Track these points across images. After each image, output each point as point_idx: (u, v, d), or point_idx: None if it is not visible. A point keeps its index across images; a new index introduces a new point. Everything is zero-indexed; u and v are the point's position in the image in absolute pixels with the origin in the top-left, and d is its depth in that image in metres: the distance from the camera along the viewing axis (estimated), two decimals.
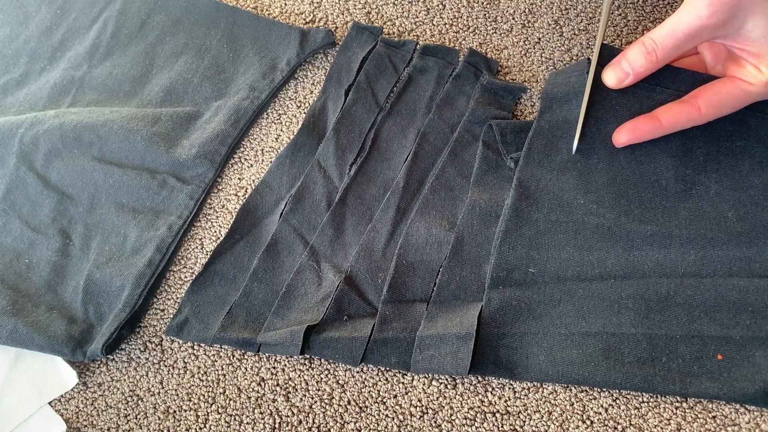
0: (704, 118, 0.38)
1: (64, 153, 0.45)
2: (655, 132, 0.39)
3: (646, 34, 0.37)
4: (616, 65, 0.38)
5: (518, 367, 0.36)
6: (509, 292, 0.37)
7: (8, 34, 0.53)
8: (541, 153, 0.41)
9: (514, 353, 0.36)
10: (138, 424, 0.38)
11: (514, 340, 0.36)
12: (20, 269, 0.42)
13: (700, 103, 0.37)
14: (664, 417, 0.35)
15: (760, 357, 0.34)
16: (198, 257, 0.43)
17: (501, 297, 0.37)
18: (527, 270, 0.38)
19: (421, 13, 0.50)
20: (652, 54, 0.36)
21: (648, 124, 0.38)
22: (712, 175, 0.40)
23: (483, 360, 0.36)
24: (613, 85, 0.39)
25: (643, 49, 0.37)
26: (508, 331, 0.36)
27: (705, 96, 0.37)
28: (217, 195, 0.45)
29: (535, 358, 0.36)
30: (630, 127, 0.39)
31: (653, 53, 0.36)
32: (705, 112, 0.37)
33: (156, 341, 0.40)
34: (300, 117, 0.47)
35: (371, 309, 0.39)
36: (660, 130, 0.38)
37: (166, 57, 0.51)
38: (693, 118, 0.38)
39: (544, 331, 0.36)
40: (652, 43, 0.36)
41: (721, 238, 0.38)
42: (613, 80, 0.38)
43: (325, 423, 0.37)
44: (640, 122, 0.39)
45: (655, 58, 0.36)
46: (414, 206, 0.42)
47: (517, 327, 0.36)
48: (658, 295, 0.37)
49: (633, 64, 0.37)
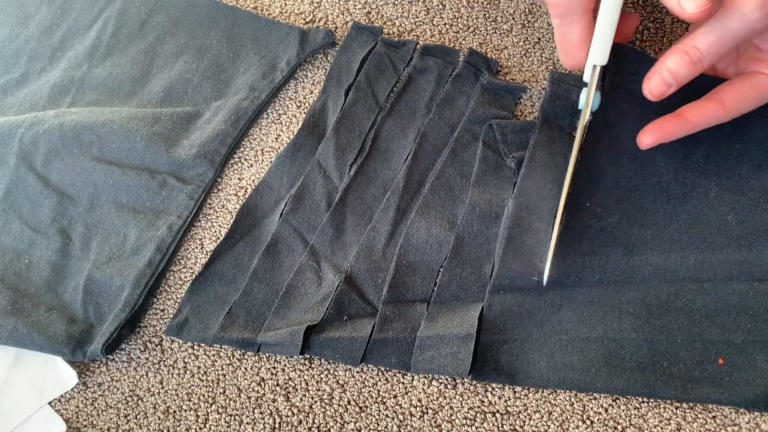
0: (729, 114, 0.37)
1: (64, 153, 0.45)
2: (681, 131, 0.37)
3: (686, 42, 0.34)
4: (657, 77, 0.35)
5: (519, 374, 0.36)
6: (510, 298, 0.37)
7: (8, 34, 0.53)
8: (542, 164, 0.41)
9: (515, 359, 0.36)
10: (138, 424, 0.38)
11: (515, 346, 0.36)
12: (20, 269, 0.42)
13: (725, 99, 0.36)
14: (664, 417, 0.35)
15: (761, 361, 0.34)
16: (198, 257, 0.43)
17: (502, 303, 0.37)
18: (530, 279, 0.38)
19: (421, 13, 0.50)
20: (698, 64, 0.34)
21: (673, 123, 0.37)
22: (712, 178, 0.40)
23: (484, 366, 0.36)
24: (655, 97, 0.36)
25: (687, 60, 0.34)
26: (509, 337, 0.36)
27: (729, 92, 0.37)
28: (217, 195, 0.45)
29: (536, 364, 0.36)
30: (654, 128, 0.38)
31: (699, 63, 0.34)
32: (730, 108, 0.36)
33: (156, 341, 0.40)
34: (300, 117, 0.47)
35: (371, 309, 0.39)
36: (686, 128, 0.37)
37: (166, 57, 0.51)
38: (718, 114, 0.37)
39: (545, 336, 0.36)
40: (698, 53, 0.33)
41: (721, 241, 0.38)
42: (657, 93, 0.36)
43: (325, 423, 0.37)
44: (665, 122, 0.37)
45: (700, 67, 0.34)
46: (414, 206, 0.42)
47: (518, 333, 0.36)
48: (658, 300, 0.37)
49: (677, 76, 0.34)
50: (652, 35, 0.47)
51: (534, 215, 0.40)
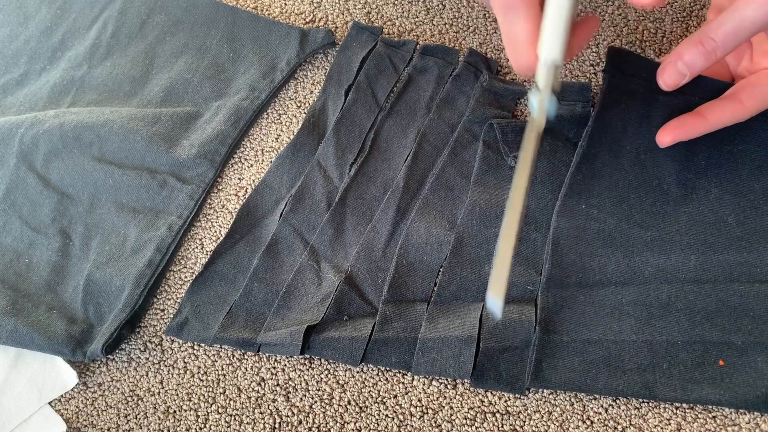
0: (748, 112, 0.37)
1: (64, 153, 0.45)
2: (701, 129, 0.37)
3: (702, 33, 0.33)
4: (671, 68, 0.35)
5: (519, 381, 0.36)
6: (507, 308, 0.37)
7: (8, 34, 0.53)
8: (543, 174, 0.41)
9: (515, 367, 0.36)
10: (138, 424, 0.38)
11: (515, 353, 0.36)
12: (20, 269, 0.42)
13: (743, 97, 0.36)
14: (664, 417, 0.35)
15: (761, 362, 0.34)
16: (198, 257, 0.43)
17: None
18: (525, 288, 0.38)
19: (421, 13, 0.50)
20: (712, 54, 0.34)
21: (693, 121, 0.37)
22: (713, 179, 0.39)
23: (483, 374, 0.36)
24: (669, 87, 0.36)
25: (702, 50, 0.34)
26: (509, 345, 0.36)
27: (746, 89, 0.37)
28: (217, 195, 0.45)
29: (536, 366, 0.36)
30: (674, 126, 0.38)
31: (713, 53, 0.33)
32: (748, 105, 0.36)
33: (156, 341, 0.40)
34: (300, 117, 0.47)
35: (371, 309, 0.39)
36: (705, 127, 0.37)
37: (166, 57, 0.51)
38: (737, 112, 0.37)
39: (545, 339, 0.36)
40: (713, 43, 0.33)
41: (722, 243, 0.38)
42: (671, 83, 0.36)
43: (325, 423, 0.37)
44: (685, 120, 0.37)
45: (714, 58, 0.34)
46: (414, 206, 0.42)
47: (517, 340, 0.36)
48: (659, 301, 0.36)
49: (692, 67, 0.34)
50: (652, 35, 0.47)
51: (531, 224, 0.40)
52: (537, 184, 0.41)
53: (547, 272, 0.38)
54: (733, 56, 0.39)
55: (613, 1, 0.49)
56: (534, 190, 0.41)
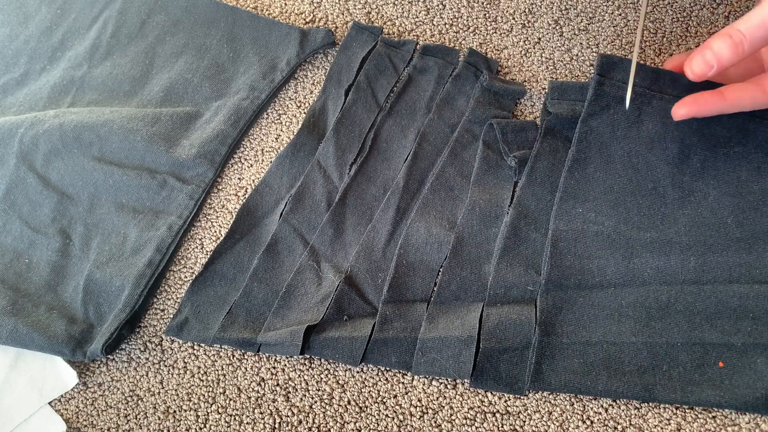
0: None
1: (64, 153, 0.45)
2: (717, 107, 0.38)
3: (730, 26, 0.35)
4: (699, 58, 0.36)
5: (519, 382, 0.36)
6: (507, 309, 0.37)
7: (8, 34, 0.53)
8: (543, 175, 0.41)
9: (515, 368, 0.36)
10: (138, 424, 0.38)
11: (515, 354, 0.36)
12: (20, 269, 0.42)
13: (765, 83, 0.37)
14: (664, 417, 0.35)
15: (761, 364, 0.34)
16: (198, 257, 0.43)
17: (499, 313, 0.37)
18: (526, 288, 0.38)
19: (421, 13, 0.50)
20: (740, 46, 0.34)
21: (711, 98, 0.37)
22: (711, 182, 0.39)
23: (483, 375, 0.36)
24: (697, 77, 0.37)
25: (730, 42, 0.34)
26: (508, 346, 0.36)
27: None
28: (217, 195, 0.45)
29: (536, 368, 0.36)
30: (691, 100, 0.38)
31: (741, 45, 0.34)
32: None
33: (156, 341, 0.40)
34: (300, 117, 0.47)
35: (371, 309, 0.39)
36: (722, 106, 0.37)
37: (166, 57, 0.51)
38: (757, 98, 0.37)
39: (545, 341, 0.36)
40: (740, 35, 0.34)
41: (721, 244, 0.38)
42: (698, 72, 0.36)
43: (325, 423, 0.37)
44: (703, 96, 0.38)
45: (741, 50, 0.35)
46: (414, 206, 0.42)
47: (517, 342, 0.36)
48: (658, 303, 0.36)
49: (719, 57, 0.35)
50: (652, 35, 0.47)
51: (531, 225, 0.40)
52: (537, 184, 0.41)
53: (547, 274, 0.38)
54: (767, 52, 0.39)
55: (613, 1, 0.49)
56: (534, 190, 0.41)
